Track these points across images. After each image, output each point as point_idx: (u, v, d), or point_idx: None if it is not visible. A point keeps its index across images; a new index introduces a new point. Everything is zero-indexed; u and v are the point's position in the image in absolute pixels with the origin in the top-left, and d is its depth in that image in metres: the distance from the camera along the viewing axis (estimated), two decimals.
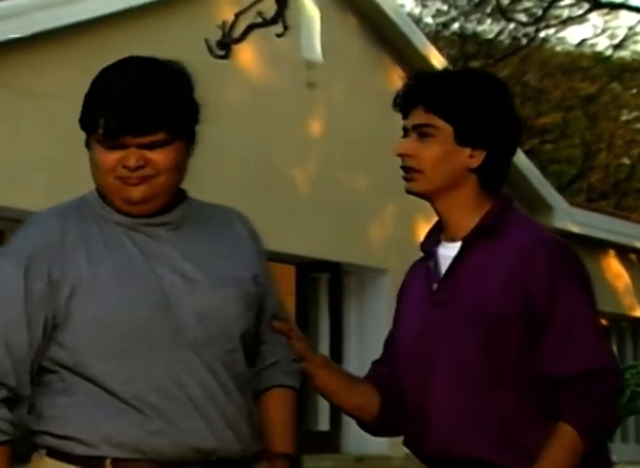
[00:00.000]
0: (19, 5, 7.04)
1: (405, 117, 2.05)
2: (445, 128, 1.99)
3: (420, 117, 2.01)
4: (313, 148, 9.19)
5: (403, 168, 2.04)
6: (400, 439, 2.10)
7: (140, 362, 1.85)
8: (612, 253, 11.71)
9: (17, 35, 6.95)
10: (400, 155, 2.05)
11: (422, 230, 11.67)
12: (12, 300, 1.86)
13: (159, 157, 1.87)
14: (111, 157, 1.88)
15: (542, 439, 1.89)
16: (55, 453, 1.87)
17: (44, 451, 1.89)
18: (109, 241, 1.89)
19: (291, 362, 2.01)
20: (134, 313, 1.85)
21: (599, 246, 11.35)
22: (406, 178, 2.04)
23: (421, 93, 2.02)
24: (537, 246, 1.92)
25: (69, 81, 7.27)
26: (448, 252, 2.00)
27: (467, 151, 1.98)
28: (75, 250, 1.88)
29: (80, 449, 1.85)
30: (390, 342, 2.09)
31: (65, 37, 7.27)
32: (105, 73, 1.92)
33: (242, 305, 1.93)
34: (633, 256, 11.84)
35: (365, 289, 9.85)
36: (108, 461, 1.84)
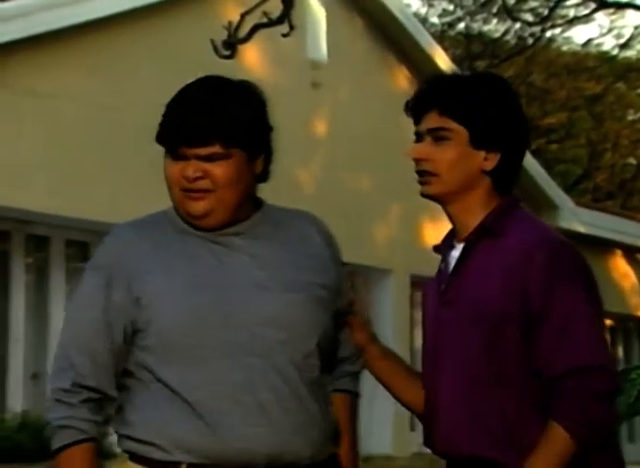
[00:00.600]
0: (23, 5, 7.04)
1: (417, 122, 2.08)
2: (460, 131, 2.01)
3: (434, 121, 2.03)
4: (318, 148, 9.19)
5: (418, 172, 2.07)
6: (404, 439, 2.14)
7: (211, 369, 1.91)
8: (618, 252, 11.69)
9: (20, 36, 6.96)
10: (415, 159, 2.07)
11: (428, 230, 11.67)
12: (94, 310, 1.96)
13: (218, 171, 1.94)
14: (175, 168, 1.96)
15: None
16: (136, 458, 1.96)
17: (127, 456, 1.97)
18: (188, 252, 1.97)
19: (357, 358, 2.08)
20: (206, 322, 1.91)
21: (605, 246, 11.34)
22: (421, 182, 2.06)
23: (435, 96, 2.04)
24: (537, 245, 1.94)
25: (73, 81, 7.27)
26: (456, 253, 2.02)
27: (482, 154, 2.01)
28: (153, 261, 1.96)
29: (157, 454, 1.93)
30: None
31: (69, 38, 7.28)
32: (180, 91, 2.02)
33: (315, 310, 1.98)
34: (639, 256, 11.82)
35: (370, 289, 9.84)
36: (184, 467, 1.91)
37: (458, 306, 1.97)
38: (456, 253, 2.02)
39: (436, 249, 2.09)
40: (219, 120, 1.94)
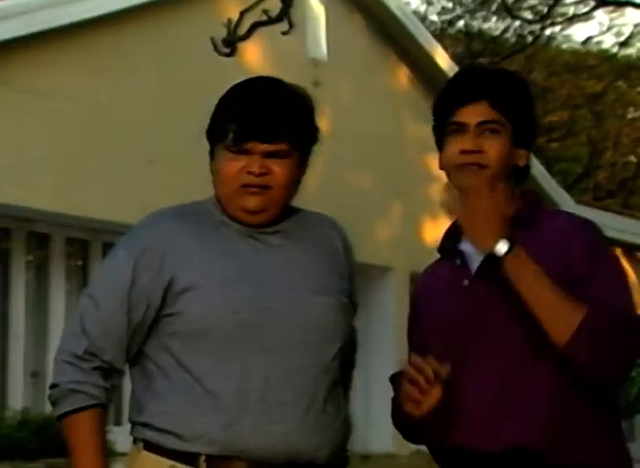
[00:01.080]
0: (23, 3, 7.04)
1: (451, 112, 2.05)
2: (507, 126, 2.03)
3: (486, 113, 2.02)
4: (319, 146, 9.18)
5: (464, 164, 2.03)
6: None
7: (240, 362, 1.93)
8: (618, 251, 11.67)
9: (20, 34, 6.96)
10: (467, 151, 2.02)
11: (429, 229, 11.66)
12: (118, 288, 1.98)
13: (279, 169, 2.00)
14: (236, 164, 1.99)
15: (588, 424, 1.90)
16: (152, 447, 1.95)
17: (142, 444, 1.97)
18: (226, 245, 1.99)
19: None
20: (240, 315, 1.94)
21: None
22: (472, 174, 2.02)
23: (487, 89, 2.04)
24: (576, 223, 2.01)
25: (74, 80, 7.27)
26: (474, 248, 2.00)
27: (519, 152, 2.05)
28: (191, 249, 1.97)
29: (176, 444, 1.92)
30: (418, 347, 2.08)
31: (70, 36, 7.27)
32: (236, 88, 2.05)
33: (341, 315, 2.02)
34: None
35: (370, 287, 9.84)
36: (203, 458, 1.91)
37: (492, 298, 1.95)
38: (474, 248, 1.99)
39: (442, 247, 2.07)
40: (289, 119, 2.01)
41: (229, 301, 1.93)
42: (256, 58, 8.37)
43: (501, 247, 1.93)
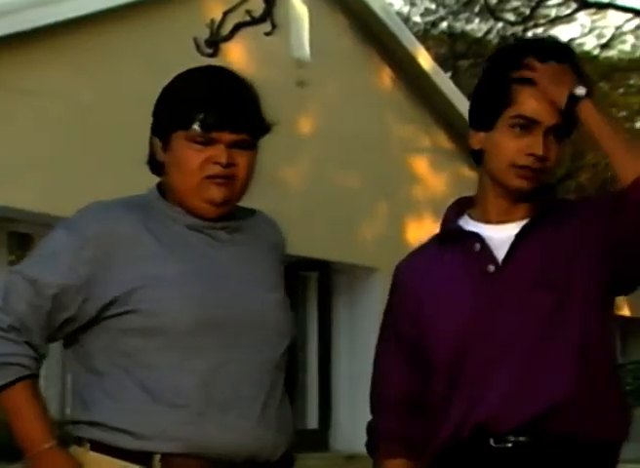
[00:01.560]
0: (10, 2, 7.01)
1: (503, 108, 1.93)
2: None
3: (558, 115, 1.93)
4: (304, 147, 9.19)
5: (534, 169, 1.94)
6: None
7: (201, 359, 1.87)
8: None
9: (6, 32, 6.93)
10: (539, 158, 1.93)
11: (413, 229, 11.66)
12: (54, 273, 1.88)
13: (243, 160, 1.95)
14: (201, 155, 1.91)
15: (608, 404, 1.89)
16: (100, 447, 1.87)
17: (88, 445, 1.88)
18: (177, 240, 1.93)
19: None
20: (198, 311, 1.88)
21: None
22: (530, 178, 1.95)
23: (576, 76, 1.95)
24: (591, 196, 2.06)
25: (60, 79, 7.25)
26: (501, 232, 1.94)
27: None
28: (142, 244, 1.90)
29: (131, 443, 1.85)
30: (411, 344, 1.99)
31: (57, 35, 7.25)
32: (190, 76, 1.97)
33: (288, 311, 2.00)
34: None
35: (355, 288, 9.85)
36: (158, 457, 1.85)
37: (520, 283, 1.89)
38: (498, 235, 1.94)
39: (452, 230, 1.98)
40: (253, 108, 1.96)
41: (187, 297, 1.87)
42: (239, 58, 8.36)
43: (581, 89, 1.89)
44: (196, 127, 1.90)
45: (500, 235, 1.94)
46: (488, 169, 1.99)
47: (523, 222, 1.95)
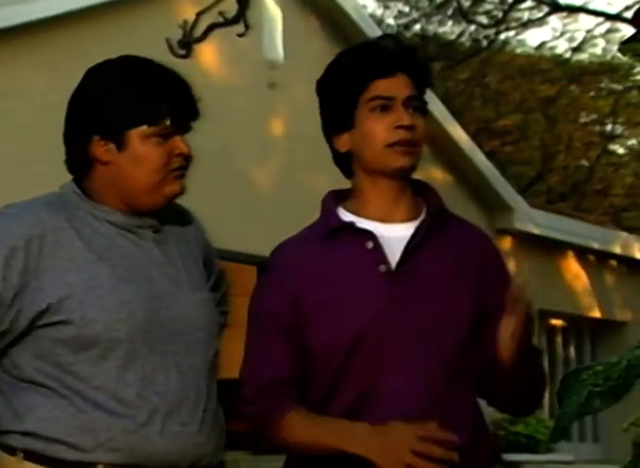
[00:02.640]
0: None
1: (363, 84, 1.91)
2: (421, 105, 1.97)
3: (410, 88, 1.92)
4: (275, 148, 9.19)
5: (406, 141, 1.90)
6: None
7: (139, 365, 1.81)
8: (570, 253, 11.82)
9: None
10: (406, 127, 1.90)
11: None
12: None
13: (190, 148, 1.90)
14: (162, 149, 1.86)
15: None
16: (35, 457, 1.79)
17: (22, 455, 1.80)
18: (106, 242, 1.85)
19: None
20: (134, 317, 1.81)
21: (558, 247, 11.45)
22: (407, 152, 1.91)
23: (408, 61, 1.94)
24: (479, 229, 2.03)
25: (32, 79, 7.21)
26: (391, 232, 1.91)
27: None
28: (71, 248, 1.82)
29: (69, 454, 1.77)
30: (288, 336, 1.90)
31: (24, 35, 7.21)
32: (138, 67, 1.89)
33: (214, 310, 1.94)
34: (591, 257, 11.96)
35: None
36: (101, 467, 1.78)
37: (424, 282, 1.87)
38: (392, 233, 1.91)
39: (341, 224, 1.94)
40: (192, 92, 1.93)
41: (122, 303, 1.80)
42: (211, 59, 8.35)
43: None
44: (167, 121, 1.85)
45: (392, 234, 1.91)
46: (363, 164, 1.97)
47: (412, 223, 1.93)
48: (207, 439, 1.86)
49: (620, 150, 19.33)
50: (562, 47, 17.55)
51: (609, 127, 18.62)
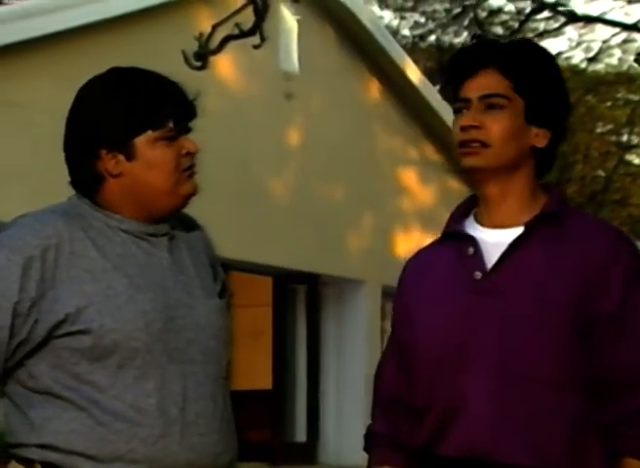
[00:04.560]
0: None
1: (458, 86, 1.86)
2: (517, 101, 1.84)
3: (490, 85, 1.84)
4: (291, 159, 9.20)
5: (464, 141, 1.85)
6: None
7: (158, 375, 1.80)
8: None
9: None
10: (466, 127, 1.84)
11: (400, 241, 11.66)
12: (1, 297, 1.77)
13: (197, 146, 1.90)
14: (172, 150, 1.86)
15: (601, 456, 1.78)
16: None
17: (39, 466, 1.78)
18: (121, 251, 1.85)
19: None
20: (152, 326, 1.80)
21: None
22: (466, 153, 1.85)
23: (494, 56, 1.84)
24: (615, 242, 1.83)
25: (47, 91, 7.25)
26: (493, 238, 1.86)
27: (534, 130, 1.87)
28: (87, 258, 1.81)
29: (87, 465, 1.76)
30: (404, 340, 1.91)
31: (41, 48, 7.25)
32: (136, 74, 1.91)
33: (227, 317, 1.93)
34: None
35: (343, 300, 9.85)
36: None
37: (509, 295, 1.80)
38: (491, 238, 1.86)
39: (454, 227, 1.89)
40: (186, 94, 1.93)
41: (140, 312, 1.79)
42: (227, 71, 8.38)
43: None
44: (170, 124, 1.85)
45: (494, 240, 1.86)
46: None
47: (517, 229, 1.86)
48: (225, 449, 1.86)
49: (637, 160, 19.27)
50: (578, 57, 17.53)
51: (625, 137, 18.57)
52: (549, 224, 1.86)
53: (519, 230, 1.86)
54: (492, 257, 1.85)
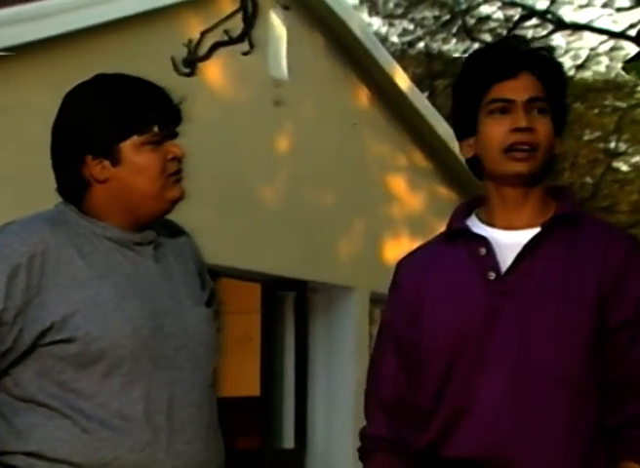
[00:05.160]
0: None
1: (487, 86, 1.84)
2: (548, 106, 1.86)
3: (534, 89, 1.83)
4: (281, 165, 9.20)
5: (515, 144, 1.83)
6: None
7: (145, 382, 1.80)
8: None
9: None
10: (521, 129, 1.81)
11: (390, 248, 11.66)
12: None
13: (184, 151, 1.89)
14: (157, 155, 1.85)
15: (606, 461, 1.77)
16: None
17: None
18: (108, 259, 1.84)
19: None
20: (139, 334, 1.80)
21: None
22: (518, 158, 1.83)
23: (533, 60, 1.84)
24: (633, 247, 1.84)
25: (32, 97, 7.23)
26: (505, 239, 1.85)
27: (555, 137, 1.89)
28: (73, 265, 1.81)
29: None
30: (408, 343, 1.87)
31: (32, 53, 7.24)
32: (121, 80, 1.91)
33: (213, 325, 1.93)
34: None
35: (332, 307, 9.84)
36: None
37: (530, 296, 1.79)
38: (505, 239, 1.84)
39: (459, 230, 1.88)
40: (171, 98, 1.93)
41: (127, 320, 1.79)
42: (216, 77, 8.37)
43: None
44: (155, 128, 1.85)
45: (508, 241, 1.84)
46: (486, 169, 1.89)
47: (532, 230, 1.85)
48: (211, 456, 1.86)
49: (625, 167, 19.33)
50: (566, 64, 17.59)
51: (613, 144, 18.62)
52: (565, 226, 1.85)
53: (532, 231, 1.85)
54: (506, 258, 1.83)
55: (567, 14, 25.55)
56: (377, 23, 18.04)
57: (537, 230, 1.85)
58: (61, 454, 1.76)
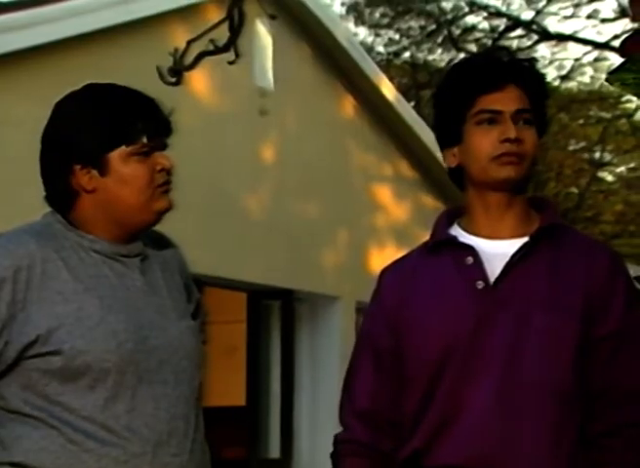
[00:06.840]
0: None
1: (474, 97, 1.86)
2: (533, 117, 1.90)
3: (521, 101, 1.87)
4: (266, 175, 9.20)
5: (507, 153, 1.86)
6: None
7: (128, 395, 1.80)
8: None
9: None
10: (512, 140, 1.85)
11: (375, 257, 11.68)
12: None
13: (171, 163, 1.88)
14: (145, 166, 1.85)
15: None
16: None
17: None
18: (94, 272, 1.84)
19: None
20: (123, 347, 1.80)
21: None
22: (508, 162, 1.86)
23: (518, 73, 1.87)
24: (615, 258, 1.87)
25: (18, 107, 7.22)
26: (491, 248, 1.86)
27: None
28: (59, 278, 1.81)
29: None
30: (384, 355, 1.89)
31: (14, 63, 7.22)
32: (111, 89, 1.90)
33: (199, 338, 1.93)
34: None
35: (317, 316, 9.84)
36: None
37: (519, 305, 1.80)
38: (493, 249, 1.85)
39: (446, 236, 1.89)
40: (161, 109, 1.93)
41: (111, 334, 1.79)
42: (202, 87, 8.37)
43: None
44: (144, 139, 1.84)
45: (494, 251, 1.86)
46: (471, 178, 1.91)
47: (517, 240, 1.87)
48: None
49: (609, 178, 19.42)
50: (551, 75, 17.69)
51: (597, 154, 18.70)
52: (550, 236, 1.87)
53: (518, 242, 1.86)
54: (493, 268, 1.85)
55: (552, 24, 25.69)
56: (363, 33, 18.09)
57: (522, 240, 1.87)
58: (46, 465, 1.76)
